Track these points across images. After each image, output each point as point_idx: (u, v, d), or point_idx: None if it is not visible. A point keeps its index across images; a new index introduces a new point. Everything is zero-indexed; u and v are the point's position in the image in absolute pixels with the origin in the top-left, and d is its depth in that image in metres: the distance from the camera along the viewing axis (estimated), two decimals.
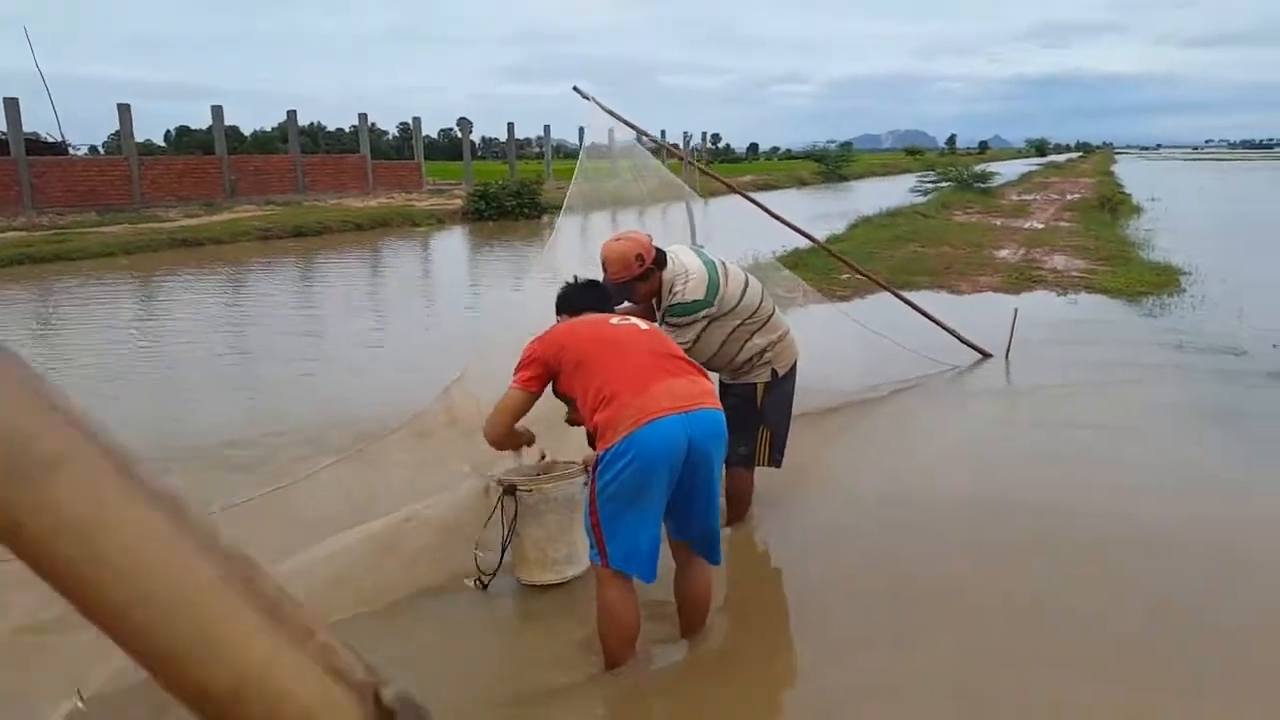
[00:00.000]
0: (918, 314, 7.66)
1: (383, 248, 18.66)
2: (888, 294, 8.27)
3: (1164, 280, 11.47)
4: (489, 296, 12.27)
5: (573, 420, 3.56)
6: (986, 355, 7.62)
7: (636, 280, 3.86)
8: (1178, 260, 13.10)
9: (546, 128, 37.43)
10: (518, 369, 3.23)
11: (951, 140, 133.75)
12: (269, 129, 78.52)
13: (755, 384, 4.18)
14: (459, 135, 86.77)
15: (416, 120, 32.26)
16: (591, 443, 3.13)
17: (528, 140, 68.16)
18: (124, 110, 22.11)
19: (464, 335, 8.97)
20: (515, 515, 3.68)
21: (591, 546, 3.05)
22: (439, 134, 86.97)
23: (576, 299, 3.51)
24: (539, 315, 3.67)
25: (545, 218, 24.32)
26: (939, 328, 7.60)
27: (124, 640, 0.25)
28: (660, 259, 3.90)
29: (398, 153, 56.42)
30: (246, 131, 65.17)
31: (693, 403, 2.96)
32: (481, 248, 19.18)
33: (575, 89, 6.26)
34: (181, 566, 0.25)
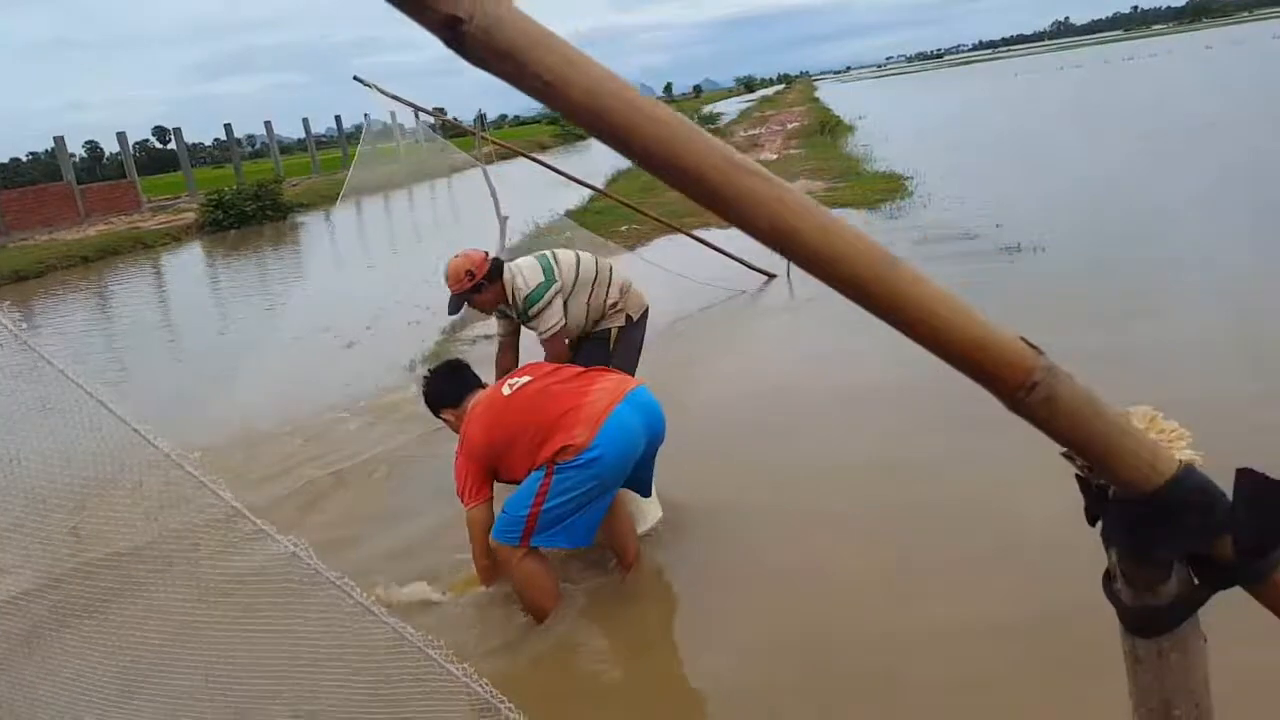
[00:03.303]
0: (703, 250, 8.34)
1: (127, 277, 17.25)
2: (665, 238, 8.85)
3: (893, 186, 12.94)
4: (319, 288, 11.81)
5: None
6: (771, 276, 8.41)
7: (471, 292, 4.25)
8: (898, 168, 14.74)
9: (267, 123, 35.49)
10: (462, 492, 3.34)
11: (669, 88, 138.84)
12: None
13: (610, 328, 4.57)
14: (157, 146, 79.67)
15: (122, 135, 29.55)
16: None
17: (238, 140, 64.02)
18: None
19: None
20: None
21: (509, 530, 3.19)
22: (135, 148, 79.52)
23: (450, 389, 3.67)
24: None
25: (290, 218, 23.30)
26: (726, 258, 8.31)
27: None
28: (494, 271, 4.26)
29: (90, 176, 51.23)
30: None
31: (624, 388, 3.30)
32: (239, 257, 18.20)
33: (356, 78, 6.27)
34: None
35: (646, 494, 3.71)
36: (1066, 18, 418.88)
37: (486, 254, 4.36)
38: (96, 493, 2.17)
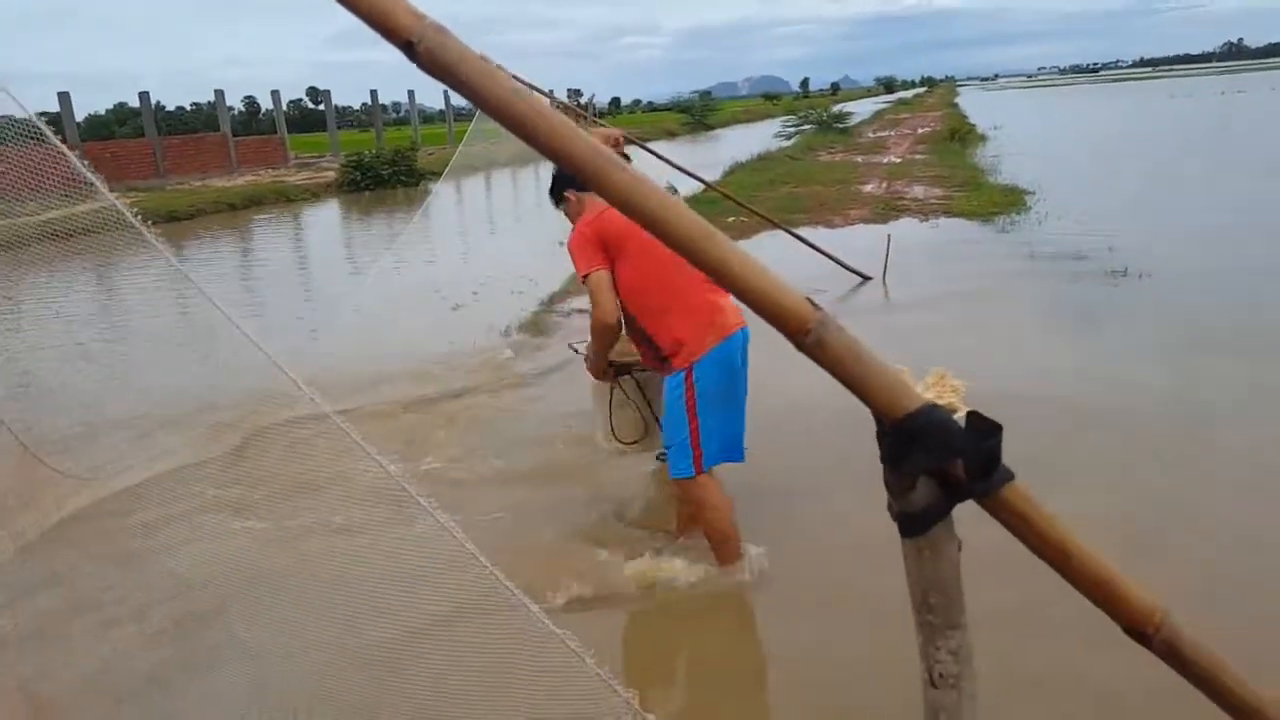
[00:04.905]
0: (802, 248, 8.50)
1: (267, 225, 18.45)
2: (768, 233, 9.04)
3: (1012, 200, 12.70)
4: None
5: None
6: (866, 278, 8.50)
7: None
8: (1022, 181, 14.43)
9: (410, 92, 36.82)
10: (578, 262, 3.36)
11: (805, 83, 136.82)
12: (101, 112, 74.42)
13: None
14: (309, 106, 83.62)
15: (276, 94, 31.29)
16: (653, 347, 3.38)
17: (383, 107, 66.57)
18: None
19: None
20: (644, 389, 3.96)
21: (682, 461, 3.28)
22: (288, 105, 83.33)
23: None
24: None
25: (423, 184, 24.28)
26: (824, 257, 8.44)
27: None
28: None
29: (245, 129, 54.36)
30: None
31: (741, 320, 3.35)
32: (371, 217, 19.20)
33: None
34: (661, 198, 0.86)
35: (741, 449, 3.56)
36: (1240, 39, 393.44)
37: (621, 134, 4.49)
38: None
